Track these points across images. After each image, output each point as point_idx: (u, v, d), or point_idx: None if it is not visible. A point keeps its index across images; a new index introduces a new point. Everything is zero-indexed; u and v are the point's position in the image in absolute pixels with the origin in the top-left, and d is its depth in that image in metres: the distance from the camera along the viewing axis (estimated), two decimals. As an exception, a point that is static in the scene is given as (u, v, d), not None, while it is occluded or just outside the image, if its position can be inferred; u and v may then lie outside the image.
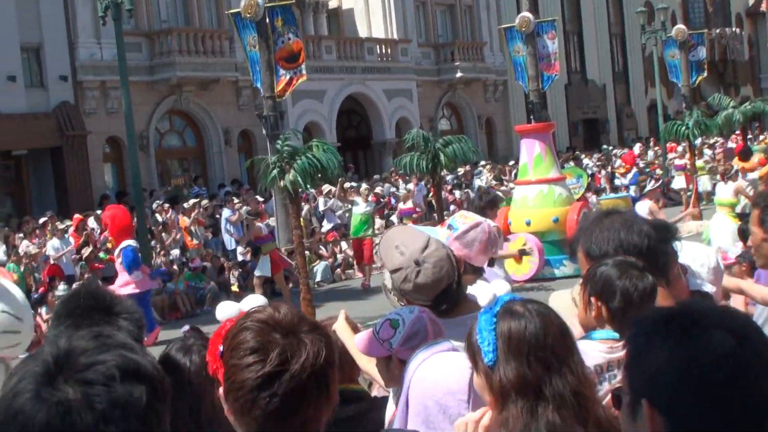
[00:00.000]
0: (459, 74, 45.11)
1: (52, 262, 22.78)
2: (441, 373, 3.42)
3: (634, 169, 38.00)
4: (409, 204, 29.67)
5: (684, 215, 21.29)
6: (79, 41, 31.83)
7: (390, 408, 4.08)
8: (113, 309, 3.05)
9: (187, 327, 3.47)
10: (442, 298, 4.00)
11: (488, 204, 15.07)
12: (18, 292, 6.33)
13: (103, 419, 1.76)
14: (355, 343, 4.06)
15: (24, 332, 7.13)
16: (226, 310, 2.80)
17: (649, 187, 23.47)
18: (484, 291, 3.14)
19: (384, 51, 42.41)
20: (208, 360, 2.49)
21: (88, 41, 32.06)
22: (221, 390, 2.37)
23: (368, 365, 4.38)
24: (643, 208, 17.77)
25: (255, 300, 2.86)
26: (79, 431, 1.74)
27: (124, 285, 18.82)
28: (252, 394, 2.29)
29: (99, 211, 27.14)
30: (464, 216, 4.84)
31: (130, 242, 19.78)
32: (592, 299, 3.63)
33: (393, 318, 3.89)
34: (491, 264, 4.92)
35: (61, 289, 21.02)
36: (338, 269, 27.09)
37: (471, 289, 3.59)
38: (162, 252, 25.00)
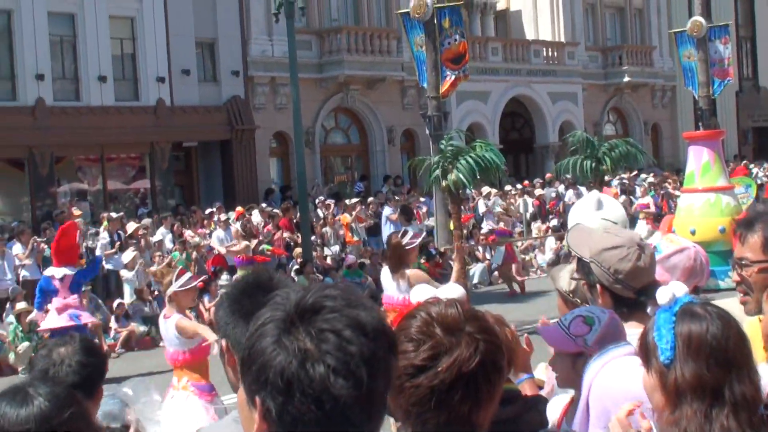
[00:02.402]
0: (626, 78, 44.39)
1: (216, 252, 23.36)
2: (625, 378, 3.38)
3: None
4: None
5: None
6: (251, 37, 32.57)
7: (557, 407, 4.06)
8: (275, 287, 3.13)
9: None
10: (645, 292, 3.93)
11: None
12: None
13: (334, 372, 1.88)
14: (541, 332, 4.05)
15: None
16: (420, 294, 2.86)
17: None
18: (664, 291, 3.11)
19: (551, 54, 42.06)
20: None
21: (261, 38, 32.78)
22: None
23: None
24: None
25: (453, 289, 2.90)
26: (312, 379, 1.88)
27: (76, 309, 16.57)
28: (399, 381, 2.34)
29: (263, 204, 27.75)
30: (670, 240, 4.77)
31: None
32: None
33: (586, 315, 3.86)
34: None
35: (224, 279, 21.57)
36: (495, 272, 27.00)
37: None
38: (320, 247, 25.37)
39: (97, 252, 22.36)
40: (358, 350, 1.91)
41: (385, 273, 12.14)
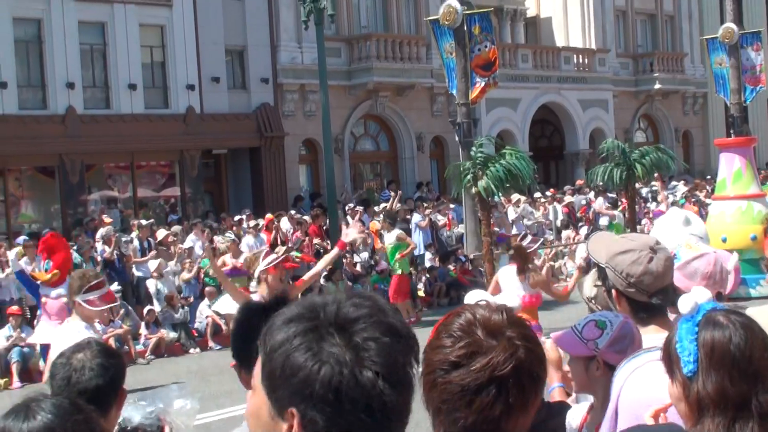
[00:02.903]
0: (657, 85, 44.19)
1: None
2: (655, 383, 3.34)
3: None
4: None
5: None
6: (281, 45, 32.64)
7: (578, 414, 4.02)
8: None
9: None
10: (660, 296, 3.89)
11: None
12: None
13: (382, 378, 1.94)
14: (553, 338, 4.03)
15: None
16: (473, 297, 2.83)
17: None
18: (686, 299, 3.04)
19: (581, 60, 41.93)
20: (431, 335, 2.56)
21: (290, 45, 32.85)
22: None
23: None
24: None
25: (509, 299, 2.88)
26: (362, 386, 1.93)
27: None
28: (433, 375, 2.33)
29: (292, 212, 27.78)
30: (690, 246, 4.73)
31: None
32: None
33: (599, 319, 3.85)
34: None
35: (253, 286, 21.52)
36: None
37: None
38: (349, 254, 25.35)
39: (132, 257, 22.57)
40: (398, 355, 1.98)
41: (509, 273, 12.85)
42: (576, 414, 4.18)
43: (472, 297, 2.80)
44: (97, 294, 7.20)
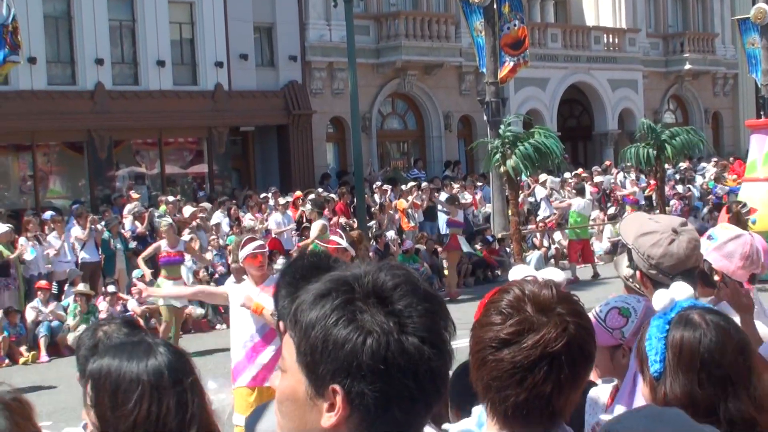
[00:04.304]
0: (688, 66, 43.84)
1: (273, 235, 23.41)
2: None
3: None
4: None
5: None
6: (309, 22, 32.56)
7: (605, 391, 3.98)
8: (334, 268, 3.16)
9: None
10: (684, 277, 3.83)
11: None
12: None
13: (428, 343, 1.94)
14: None
15: None
16: (517, 273, 2.79)
17: None
18: (662, 294, 2.95)
19: (611, 40, 41.63)
20: (477, 310, 2.53)
21: (319, 22, 32.76)
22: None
23: None
24: None
25: (554, 273, 2.82)
26: (408, 354, 1.92)
27: None
28: (483, 353, 2.31)
29: (320, 189, 27.77)
30: (725, 227, 4.67)
31: None
32: None
33: (622, 306, 3.77)
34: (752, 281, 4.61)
35: (280, 263, 21.57)
36: (551, 259, 26.79)
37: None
38: (376, 232, 25.34)
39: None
40: (438, 320, 1.98)
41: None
42: (602, 391, 4.14)
43: (517, 272, 2.75)
44: (250, 247, 8.76)
